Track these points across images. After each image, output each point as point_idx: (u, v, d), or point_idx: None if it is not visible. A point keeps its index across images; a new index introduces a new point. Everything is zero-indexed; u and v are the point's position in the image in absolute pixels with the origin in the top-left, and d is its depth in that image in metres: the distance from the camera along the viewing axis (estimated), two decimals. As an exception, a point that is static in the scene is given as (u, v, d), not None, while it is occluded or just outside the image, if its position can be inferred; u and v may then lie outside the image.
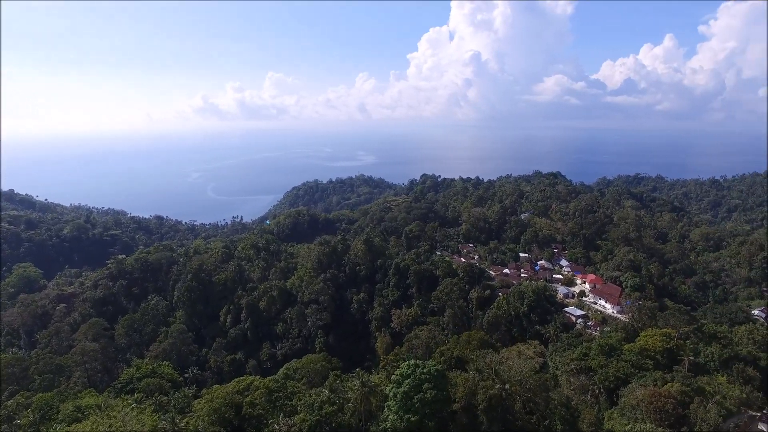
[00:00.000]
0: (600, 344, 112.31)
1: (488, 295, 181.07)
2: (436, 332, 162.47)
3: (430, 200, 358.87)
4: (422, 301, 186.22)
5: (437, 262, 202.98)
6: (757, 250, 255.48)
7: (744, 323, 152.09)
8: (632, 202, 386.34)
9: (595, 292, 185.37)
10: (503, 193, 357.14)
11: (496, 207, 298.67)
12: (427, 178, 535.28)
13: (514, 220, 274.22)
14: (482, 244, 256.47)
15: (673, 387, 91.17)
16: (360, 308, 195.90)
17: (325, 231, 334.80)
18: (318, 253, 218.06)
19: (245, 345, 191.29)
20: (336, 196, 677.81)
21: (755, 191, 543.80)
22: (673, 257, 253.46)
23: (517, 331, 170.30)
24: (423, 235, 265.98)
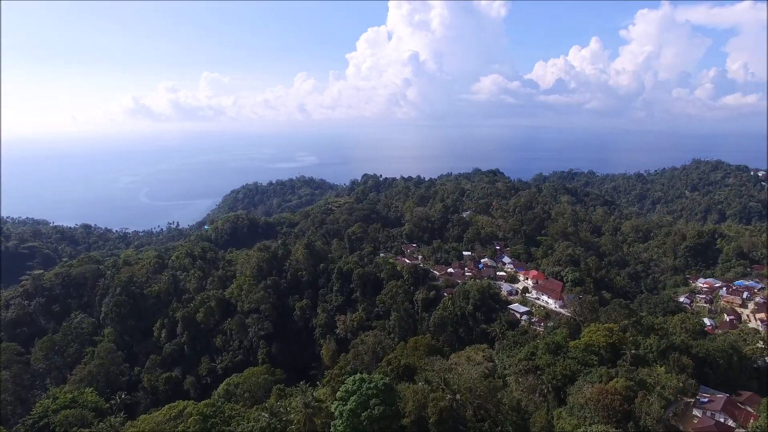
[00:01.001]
0: (546, 343, 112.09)
1: (433, 296, 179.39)
2: (383, 337, 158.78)
3: (372, 200, 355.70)
4: (367, 305, 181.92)
5: (381, 265, 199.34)
6: (680, 240, 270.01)
7: (676, 312, 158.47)
8: (568, 197, 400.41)
9: (538, 287, 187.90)
10: (445, 191, 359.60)
11: (438, 206, 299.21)
12: (368, 178, 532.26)
13: (457, 219, 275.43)
14: (425, 243, 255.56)
15: (618, 383, 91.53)
16: (303, 315, 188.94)
17: (266, 235, 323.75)
18: (257, 260, 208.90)
19: (182, 360, 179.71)
20: (277, 198, 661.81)
21: (674, 184, 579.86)
22: (608, 250, 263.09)
23: (464, 331, 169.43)
24: (366, 236, 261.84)
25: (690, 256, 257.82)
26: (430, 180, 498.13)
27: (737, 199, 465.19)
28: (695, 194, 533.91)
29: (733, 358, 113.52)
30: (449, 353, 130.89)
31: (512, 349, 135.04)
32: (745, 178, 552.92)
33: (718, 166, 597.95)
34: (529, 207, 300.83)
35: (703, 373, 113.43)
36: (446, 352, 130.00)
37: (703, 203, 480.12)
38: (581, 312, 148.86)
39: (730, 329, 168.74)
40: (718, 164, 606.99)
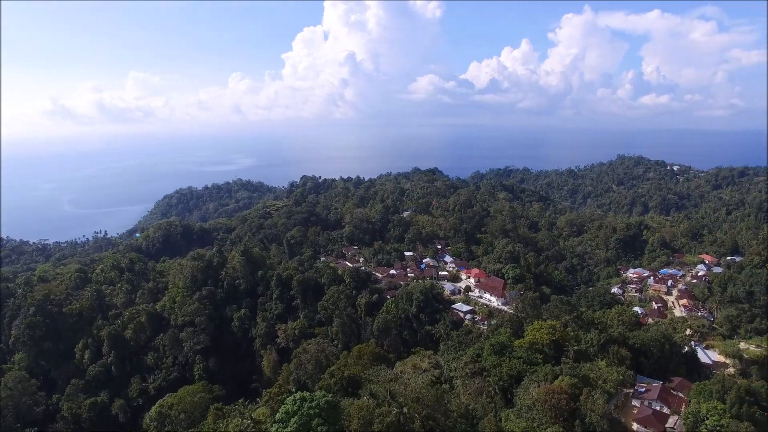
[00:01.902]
0: (492, 344, 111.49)
1: (376, 299, 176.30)
2: (326, 344, 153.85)
3: (311, 203, 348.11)
4: (308, 312, 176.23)
5: (322, 269, 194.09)
6: (611, 232, 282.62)
7: (612, 305, 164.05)
8: (505, 194, 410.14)
9: (480, 286, 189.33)
10: (384, 192, 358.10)
11: (378, 206, 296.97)
12: (307, 179, 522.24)
13: (397, 219, 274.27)
14: (367, 245, 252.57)
15: (563, 381, 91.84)
16: (242, 326, 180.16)
17: (202, 242, 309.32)
18: (191, 269, 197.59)
19: (109, 383, 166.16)
20: (213, 203, 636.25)
21: (602, 179, 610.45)
22: (545, 245, 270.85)
23: (409, 334, 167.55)
24: (305, 240, 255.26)
25: (620, 248, 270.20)
26: (369, 180, 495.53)
27: (657, 192, 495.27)
28: (621, 188, 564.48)
29: (665, 347, 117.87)
30: (395, 360, 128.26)
31: (457, 350, 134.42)
32: (663, 172, 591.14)
33: (640, 162, 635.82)
34: (468, 205, 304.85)
35: (639, 362, 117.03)
36: (392, 360, 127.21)
37: (629, 196, 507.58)
38: (523, 309, 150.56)
39: (659, 317, 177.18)
40: (640, 160, 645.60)
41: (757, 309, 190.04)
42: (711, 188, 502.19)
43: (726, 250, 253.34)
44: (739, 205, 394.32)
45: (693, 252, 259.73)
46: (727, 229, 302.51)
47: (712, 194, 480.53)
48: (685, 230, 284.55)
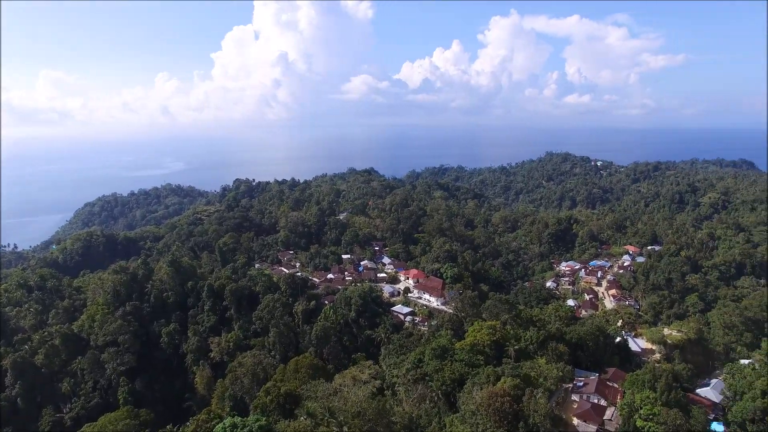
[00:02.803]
0: (433, 348, 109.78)
1: (314, 306, 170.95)
2: (262, 356, 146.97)
3: (244, 207, 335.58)
4: (243, 323, 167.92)
5: (256, 277, 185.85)
6: (543, 227, 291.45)
7: (548, 300, 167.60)
8: (441, 192, 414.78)
9: (419, 286, 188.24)
10: (320, 193, 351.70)
11: (314, 209, 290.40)
12: (240, 183, 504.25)
13: (333, 221, 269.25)
14: (303, 249, 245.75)
15: (505, 383, 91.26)
16: (172, 342, 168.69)
17: (127, 253, 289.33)
18: (113, 284, 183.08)
19: (15, 417, 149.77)
20: (140, 210, 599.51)
21: (533, 175, 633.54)
22: (481, 242, 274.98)
23: (349, 340, 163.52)
24: (239, 247, 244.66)
25: (552, 242, 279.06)
26: (305, 182, 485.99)
27: (584, 187, 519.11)
28: (551, 184, 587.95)
29: (600, 339, 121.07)
30: (334, 371, 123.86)
31: (399, 354, 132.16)
32: (588, 168, 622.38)
33: (567, 158, 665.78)
34: (404, 205, 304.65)
35: (576, 356, 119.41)
36: (331, 371, 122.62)
37: (558, 191, 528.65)
38: (463, 308, 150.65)
39: (591, 308, 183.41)
40: (567, 156, 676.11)
41: (675, 294, 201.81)
42: (630, 182, 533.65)
43: (646, 240, 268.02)
44: (655, 197, 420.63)
45: (618, 243, 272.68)
46: (647, 220, 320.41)
47: (632, 188, 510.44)
48: (610, 223, 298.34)
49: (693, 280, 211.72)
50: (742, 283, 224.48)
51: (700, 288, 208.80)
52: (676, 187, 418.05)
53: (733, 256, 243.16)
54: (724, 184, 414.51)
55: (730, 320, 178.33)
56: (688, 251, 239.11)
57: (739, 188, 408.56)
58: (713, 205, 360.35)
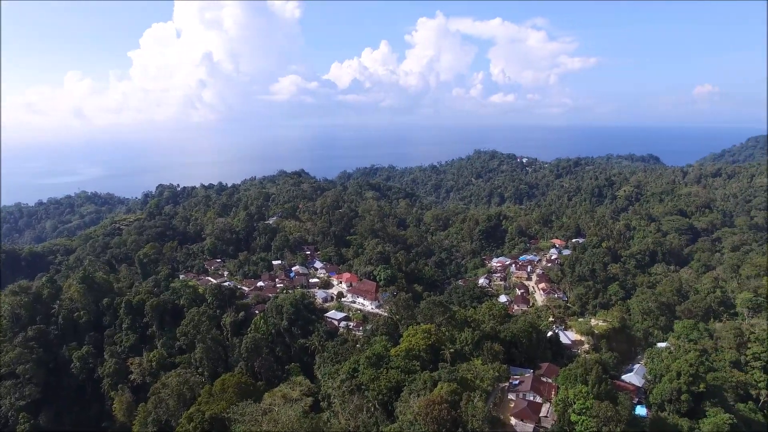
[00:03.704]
0: (367, 356, 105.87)
1: (243, 317, 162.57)
2: (189, 374, 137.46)
3: (168, 215, 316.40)
4: (167, 339, 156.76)
5: (179, 289, 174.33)
6: (474, 224, 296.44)
7: (482, 298, 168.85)
8: (372, 193, 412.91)
9: (353, 290, 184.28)
10: (249, 198, 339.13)
11: (242, 214, 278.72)
12: (164, 188, 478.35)
13: (263, 226, 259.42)
14: (231, 257, 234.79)
15: (442, 389, 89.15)
16: (85, 366, 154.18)
17: (33, 270, 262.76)
18: (11, 306, 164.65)
19: None
20: (50, 220, 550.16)
21: (463, 173, 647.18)
22: (414, 241, 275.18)
23: (281, 350, 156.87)
24: (161, 257, 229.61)
25: (483, 239, 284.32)
26: (233, 186, 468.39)
27: (511, 183, 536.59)
28: (480, 181, 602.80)
29: (533, 336, 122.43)
30: (265, 387, 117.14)
31: (334, 362, 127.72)
32: (514, 165, 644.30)
33: (494, 156, 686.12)
34: (336, 206, 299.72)
35: (511, 354, 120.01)
36: (261, 388, 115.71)
37: (487, 188, 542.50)
38: (397, 311, 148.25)
39: (523, 302, 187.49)
40: (494, 154, 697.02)
41: (599, 284, 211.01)
42: (554, 177, 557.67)
43: (571, 233, 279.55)
44: (576, 192, 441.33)
45: (546, 237, 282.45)
46: (570, 214, 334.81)
47: (555, 183, 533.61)
48: (537, 218, 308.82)
49: (614, 269, 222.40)
50: (656, 270, 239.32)
51: (621, 277, 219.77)
52: (595, 182, 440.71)
53: (647, 245, 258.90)
54: (637, 178, 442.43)
55: (647, 306, 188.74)
56: (609, 242, 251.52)
57: (649, 181, 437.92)
58: (628, 197, 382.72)
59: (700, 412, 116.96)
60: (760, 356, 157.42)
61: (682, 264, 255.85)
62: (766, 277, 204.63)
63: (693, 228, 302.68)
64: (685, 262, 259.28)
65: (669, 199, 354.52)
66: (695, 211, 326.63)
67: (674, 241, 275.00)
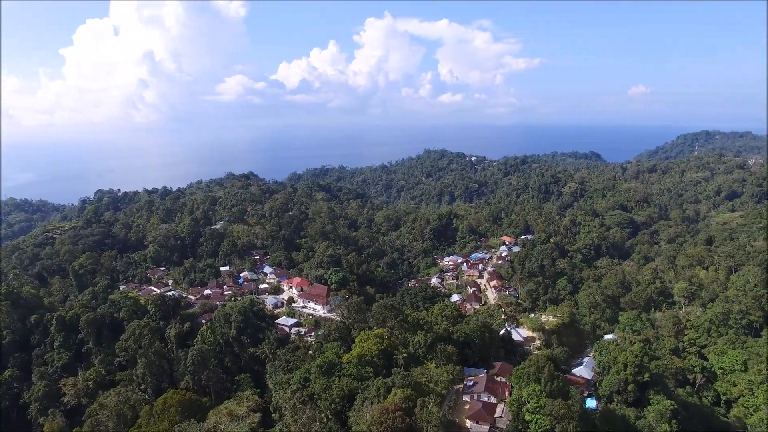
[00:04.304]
0: (319, 364, 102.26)
1: (189, 328, 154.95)
2: (130, 392, 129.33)
3: (107, 222, 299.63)
4: (105, 356, 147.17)
5: (119, 302, 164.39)
6: (425, 224, 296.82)
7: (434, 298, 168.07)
8: (323, 194, 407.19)
9: (304, 295, 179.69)
10: (194, 202, 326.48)
11: (187, 219, 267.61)
12: (103, 194, 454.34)
13: (209, 232, 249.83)
14: (176, 265, 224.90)
15: (396, 395, 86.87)
16: (9, 391, 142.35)
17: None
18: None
19: None
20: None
21: (413, 173, 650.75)
22: (366, 242, 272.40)
23: (230, 360, 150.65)
24: (99, 268, 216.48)
25: (435, 238, 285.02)
26: (178, 190, 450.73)
27: (461, 182, 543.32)
28: (430, 180, 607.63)
29: (486, 335, 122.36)
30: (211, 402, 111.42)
31: (286, 371, 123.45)
32: (464, 163, 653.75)
33: (444, 155, 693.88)
34: (285, 209, 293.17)
35: (464, 354, 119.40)
36: (207, 404, 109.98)
37: (437, 187, 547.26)
38: (349, 315, 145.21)
39: (475, 301, 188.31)
40: (444, 153, 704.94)
41: (548, 280, 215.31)
42: (502, 175, 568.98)
43: (520, 230, 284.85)
44: (524, 189, 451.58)
45: (496, 235, 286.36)
46: (519, 211, 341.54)
47: (504, 180, 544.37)
48: (487, 215, 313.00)
49: (562, 264, 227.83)
50: (601, 264, 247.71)
51: (568, 271, 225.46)
52: (542, 179, 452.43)
53: (592, 239, 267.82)
54: (581, 175, 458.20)
55: (594, 299, 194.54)
56: (556, 238, 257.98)
57: (592, 178, 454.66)
58: (573, 193, 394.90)
59: (645, 401, 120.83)
60: (696, 342, 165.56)
61: (624, 257, 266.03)
62: (698, 267, 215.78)
63: (633, 222, 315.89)
64: (627, 254, 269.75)
65: (611, 194, 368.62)
66: (635, 206, 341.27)
67: (617, 234, 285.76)
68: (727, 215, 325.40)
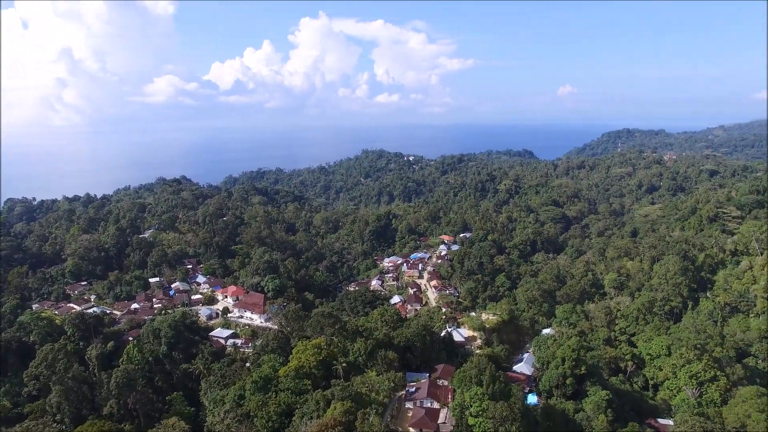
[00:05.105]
0: (254, 380, 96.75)
1: (113, 347, 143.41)
2: (42, 426, 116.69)
3: (18, 234, 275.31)
4: (11, 386, 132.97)
5: (29, 323, 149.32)
6: (364, 225, 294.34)
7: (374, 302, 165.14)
8: (259, 197, 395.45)
9: (239, 304, 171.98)
10: (121, 210, 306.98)
11: (112, 229, 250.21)
12: (15, 203, 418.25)
13: (137, 241, 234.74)
14: (100, 278, 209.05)
15: (336, 409, 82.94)
16: None
17: None
18: None
19: None
20: None
21: (352, 173, 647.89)
22: (304, 246, 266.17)
23: (161, 379, 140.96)
24: (6, 286, 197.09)
25: (374, 239, 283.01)
26: (103, 197, 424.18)
27: (399, 181, 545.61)
28: (369, 180, 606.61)
29: (427, 338, 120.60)
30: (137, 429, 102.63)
31: (222, 386, 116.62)
32: (402, 163, 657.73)
33: (382, 155, 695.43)
34: (220, 214, 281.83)
35: (406, 359, 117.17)
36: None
37: (376, 188, 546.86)
38: (288, 323, 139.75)
39: (416, 301, 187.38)
40: (382, 153, 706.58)
41: (487, 277, 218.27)
42: (440, 174, 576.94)
43: (459, 229, 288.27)
44: (462, 187, 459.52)
45: (435, 234, 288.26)
46: (457, 209, 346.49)
47: (442, 179, 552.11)
48: (425, 215, 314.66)
49: (500, 261, 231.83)
50: (537, 259, 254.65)
51: (506, 268, 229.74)
52: (478, 177, 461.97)
53: (528, 235, 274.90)
54: (515, 172, 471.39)
55: (532, 295, 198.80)
56: (494, 235, 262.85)
57: (526, 175, 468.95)
58: (508, 190, 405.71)
59: (583, 393, 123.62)
60: (626, 330, 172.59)
61: (558, 251, 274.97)
62: (626, 258, 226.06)
63: (565, 216, 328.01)
64: (561, 248, 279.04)
65: (544, 190, 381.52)
66: (566, 201, 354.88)
67: (551, 229, 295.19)
68: (648, 208, 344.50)
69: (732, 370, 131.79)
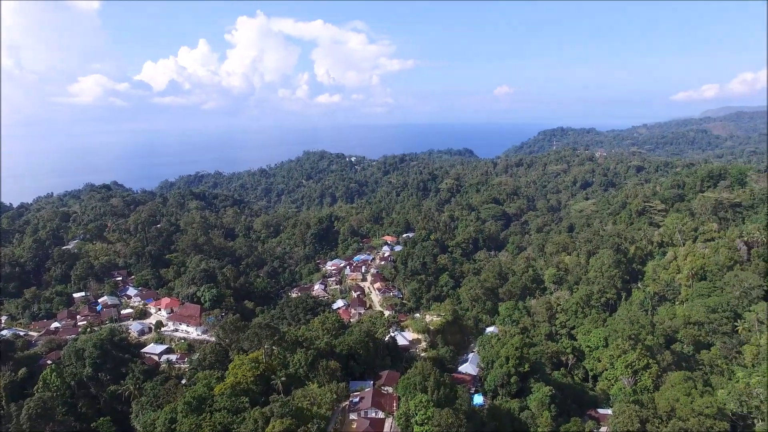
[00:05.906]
0: (187, 401, 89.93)
1: (26, 374, 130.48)
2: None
3: None
4: None
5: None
6: (306, 228, 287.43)
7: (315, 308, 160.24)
8: (197, 202, 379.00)
9: (174, 317, 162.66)
10: (40, 220, 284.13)
11: (29, 241, 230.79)
12: None
13: (59, 253, 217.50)
14: (14, 296, 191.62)
15: (275, 428, 78.08)
16: None
17: None
18: None
19: None
20: None
21: (293, 175, 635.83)
22: (244, 252, 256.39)
23: (86, 405, 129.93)
24: None
25: (317, 242, 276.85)
26: (21, 206, 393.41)
27: (341, 183, 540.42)
28: (311, 182, 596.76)
29: (370, 345, 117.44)
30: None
31: (155, 408, 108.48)
32: (344, 164, 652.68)
33: (324, 156, 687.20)
34: (153, 222, 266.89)
35: (349, 367, 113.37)
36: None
37: (318, 189, 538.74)
38: (225, 335, 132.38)
39: (360, 305, 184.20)
40: (323, 154, 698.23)
41: (430, 277, 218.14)
42: (382, 174, 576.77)
43: (401, 229, 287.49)
44: (404, 187, 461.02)
45: (377, 235, 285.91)
46: (399, 209, 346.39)
47: (384, 179, 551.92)
48: (368, 216, 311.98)
49: (443, 260, 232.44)
50: (479, 256, 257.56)
51: (449, 267, 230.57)
52: (420, 177, 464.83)
53: (470, 233, 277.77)
54: (456, 171, 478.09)
55: (475, 293, 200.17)
56: (437, 234, 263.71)
57: (466, 173, 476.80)
58: (450, 189, 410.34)
59: (527, 390, 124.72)
60: (566, 324, 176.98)
61: (500, 248, 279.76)
62: (564, 253, 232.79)
63: (506, 214, 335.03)
64: (502, 245, 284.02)
65: (484, 188, 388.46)
66: (506, 198, 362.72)
67: (492, 227, 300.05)
68: (582, 203, 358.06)
69: (662, 357, 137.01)
